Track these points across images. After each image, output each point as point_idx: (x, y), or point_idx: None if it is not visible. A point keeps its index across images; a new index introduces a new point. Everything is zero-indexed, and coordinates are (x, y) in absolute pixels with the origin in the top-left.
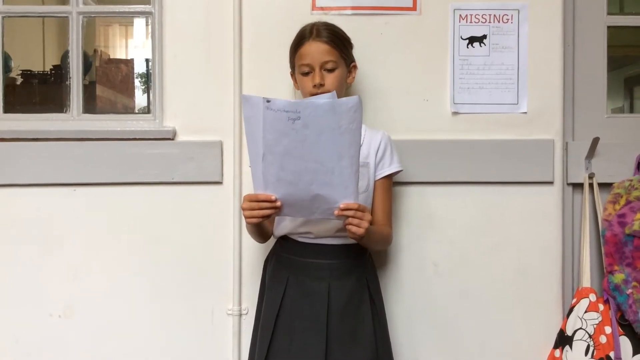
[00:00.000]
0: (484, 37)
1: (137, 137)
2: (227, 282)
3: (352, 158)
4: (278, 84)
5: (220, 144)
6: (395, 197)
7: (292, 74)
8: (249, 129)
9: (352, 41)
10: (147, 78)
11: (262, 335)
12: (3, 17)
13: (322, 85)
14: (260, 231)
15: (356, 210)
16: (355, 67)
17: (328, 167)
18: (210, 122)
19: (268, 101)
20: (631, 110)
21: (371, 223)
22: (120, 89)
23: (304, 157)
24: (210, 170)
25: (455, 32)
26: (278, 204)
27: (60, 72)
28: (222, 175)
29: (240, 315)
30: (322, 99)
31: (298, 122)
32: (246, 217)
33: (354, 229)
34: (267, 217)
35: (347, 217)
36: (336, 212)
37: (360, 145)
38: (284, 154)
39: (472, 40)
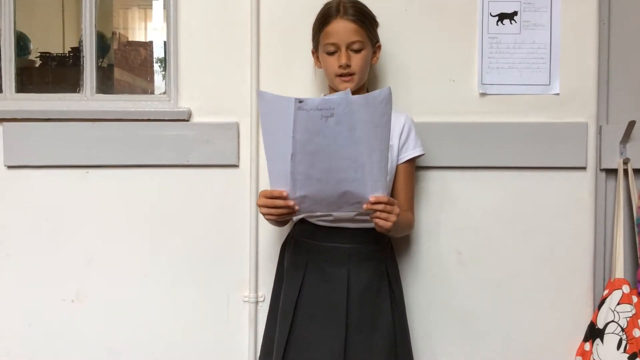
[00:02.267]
0: (515, 13)
1: (151, 118)
2: (243, 268)
3: (383, 152)
4: (296, 62)
5: (237, 125)
6: (418, 182)
7: (314, 52)
8: (267, 125)
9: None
10: (165, 61)
11: (281, 322)
12: None
13: (348, 65)
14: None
15: (386, 204)
16: (379, 47)
17: (359, 163)
18: (227, 102)
19: (300, 101)
20: None
21: None
22: (139, 72)
23: (336, 154)
24: (227, 152)
25: (484, 8)
26: (291, 203)
27: (78, 54)
28: (239, 158)
29: (257, 302)
30: (343, 95)
31: (331, 120)
32: (263, 215)
33: (381, 222)
34: (285, 216)
35: (376, 210)
36: (365, 206)
37: None
38: (315, 152)
39: (502, 17)
